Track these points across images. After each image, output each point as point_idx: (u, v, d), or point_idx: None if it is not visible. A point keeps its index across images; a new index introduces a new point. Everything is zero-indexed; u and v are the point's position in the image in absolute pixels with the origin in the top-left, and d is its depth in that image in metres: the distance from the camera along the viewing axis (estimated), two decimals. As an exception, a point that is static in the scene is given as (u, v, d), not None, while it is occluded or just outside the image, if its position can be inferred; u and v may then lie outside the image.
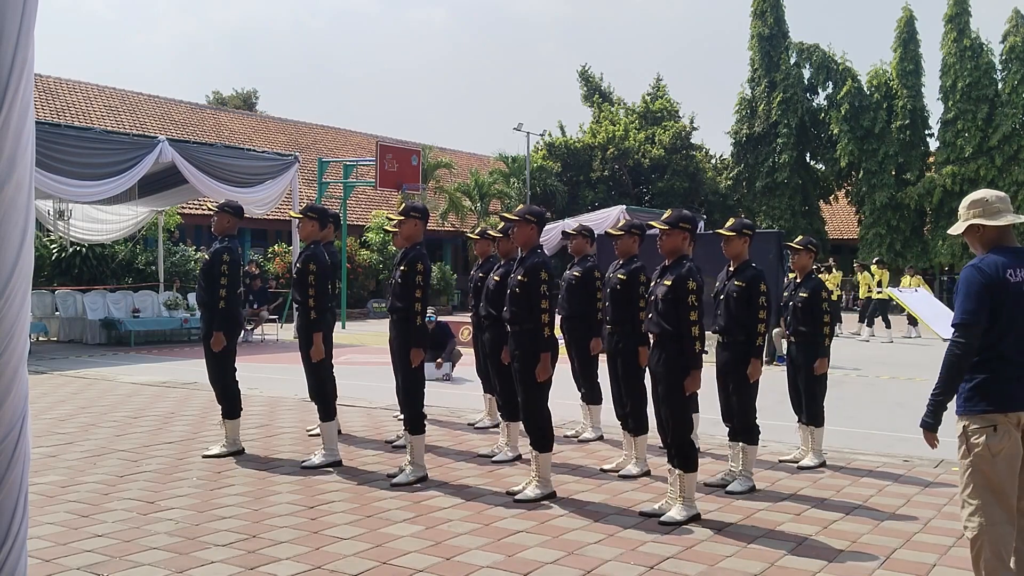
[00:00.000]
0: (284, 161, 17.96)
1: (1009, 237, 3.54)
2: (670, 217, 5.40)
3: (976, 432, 3.37)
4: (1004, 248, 3.51)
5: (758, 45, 34.04)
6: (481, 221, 32.73)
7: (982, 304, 3.36)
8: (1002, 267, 3.41)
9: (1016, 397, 3.38)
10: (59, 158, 13.40)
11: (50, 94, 26.58)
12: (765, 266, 17.94)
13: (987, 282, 3.38)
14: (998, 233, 3.52)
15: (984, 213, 3.53)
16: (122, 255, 19.53)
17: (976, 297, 3.37)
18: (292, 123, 35.73)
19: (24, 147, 1.50)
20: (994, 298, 3.37)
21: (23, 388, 1.56)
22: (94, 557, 4.38)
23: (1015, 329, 3.40)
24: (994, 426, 3.36)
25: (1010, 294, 3.38)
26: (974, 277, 3.41)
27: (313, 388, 6.59)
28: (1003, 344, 3.39)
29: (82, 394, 10.20)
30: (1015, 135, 29.11)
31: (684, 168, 35.30)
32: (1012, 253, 3.48)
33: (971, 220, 3.56)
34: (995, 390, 3.38)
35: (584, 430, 7.57)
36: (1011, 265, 3.43)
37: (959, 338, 3.37)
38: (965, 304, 3.39)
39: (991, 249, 3.52)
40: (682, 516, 5.03)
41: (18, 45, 1.46)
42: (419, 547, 4.57)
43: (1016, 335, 3.40)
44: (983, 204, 3.55)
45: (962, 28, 30.06)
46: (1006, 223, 3.52)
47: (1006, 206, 3.54)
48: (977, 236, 3.57)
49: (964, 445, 3.41)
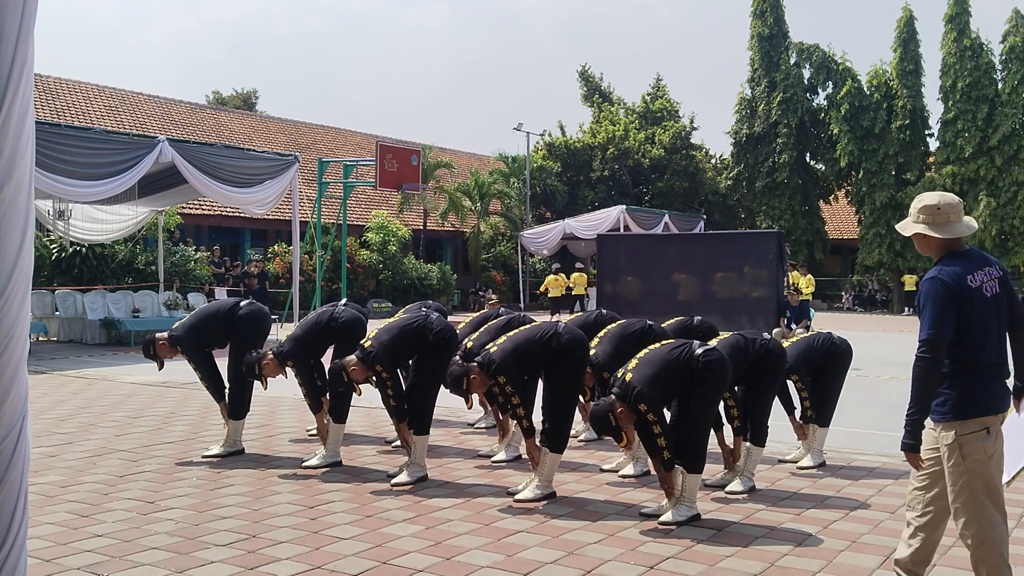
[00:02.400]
0: (284, 161, 17.95)
1: (959, 240, 3.52)
2: None
3: (972, 438, 3.37)
4: (956, 253, 3.50)
5: (758, 45, 34.05)
6: (481, 221, 32.76)
7: (949, 318, 3.36)
8: (961, 275, 3.41)
9: (1002, 398, 3.45)
10: (59, 158, 13.39)
11: (50, 94, 26.58)
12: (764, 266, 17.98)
13: (951, 294, 3.37)
14: (948, 239, 3.51)
15: (933, 222, 3.50)
16: (122, 255, 19.53)
17: (943, 311, 3.36)
18: (292, 123, 35.73)
19: (24, 147, 1.50)
20: (960, 307, 3.37)
21: (23, 388, 1.56)
22: (94, 557, 4.38)
23: (989, 334, 3.42)
24: (987, 428, 3.37)
25: (974, 300, 3.39)
26: (939, 290, 3.38)
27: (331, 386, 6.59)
28: (983, 351, 3.40)
29: (82, 394, 10.20)
30: (1015, 135, 29.11)
31: (684, 168, 35.31)
32: (965, 258, 3.49)
33: (918, 229, 3.55)
34: (985, 393, 3.40)
35: (586, 430, 7.56)
36: (968, 271, 3.43)
37: (926, 353, 3.36)
38: (933, 319, 3.37)
39: (945, 255, 3.51)
40: (682, 516, 5.03)
41: (18, 45, 1.46)
42: (419, 547, 4.56)
43: (992, 340, 3.43)
44: (932, 212, 3.50)
45: (962, 28, 30.06)
46: (953, 236, 3.49)
47: (956, 215, 3.50)
48: (925, 242, 3.56)
49: (957, 453, 3.38)
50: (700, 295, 17.86)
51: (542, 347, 5.51)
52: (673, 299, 17.53)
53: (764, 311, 16.46)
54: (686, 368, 5.01)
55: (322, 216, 22.55)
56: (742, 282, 17.46)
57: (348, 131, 37.80)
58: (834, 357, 6.49)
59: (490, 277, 32.23)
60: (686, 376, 5.02)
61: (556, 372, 5.54)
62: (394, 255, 27.95)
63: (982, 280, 3.44)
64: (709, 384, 5.03)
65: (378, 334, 5.90)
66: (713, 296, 17.70)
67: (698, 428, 5.08)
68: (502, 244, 32.99)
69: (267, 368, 6.33)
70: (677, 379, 5.02)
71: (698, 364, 5.00)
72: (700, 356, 5.02)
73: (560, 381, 5.54)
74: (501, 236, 33.28)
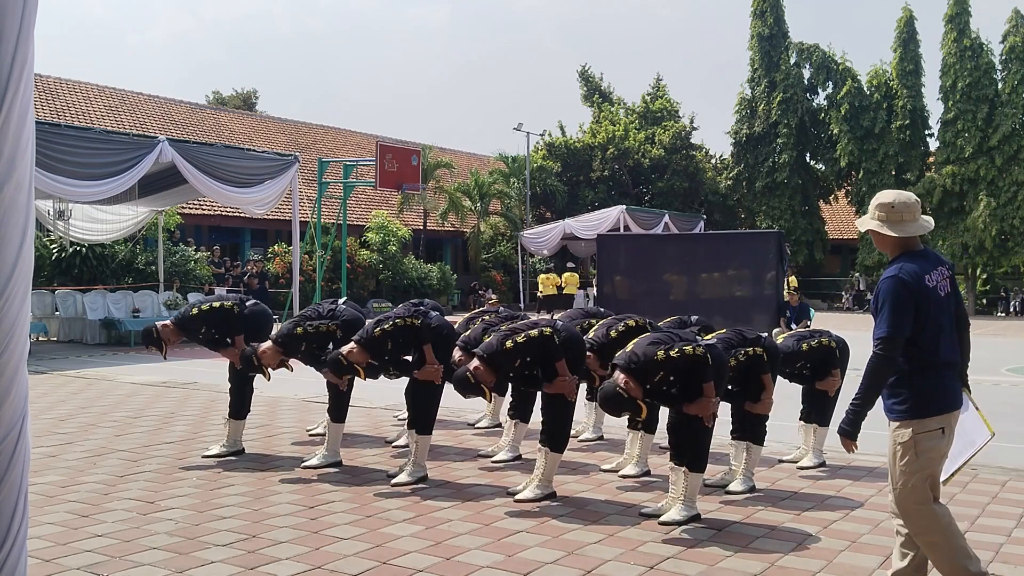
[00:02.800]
0: (284, 161, 17.96)
1: (914, 239, 3.54)
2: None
3: (928, 436, 3.40)
4: (914, 252, 3.52)
5: (758, 45, 34.05)
6: (481, 221, 32.76)
7: (907, 317, 3.37)
8: (920, 274, 3.42)
9: (956, 395, 3.50)
10: (59, 158, 13.40)
11: (50, 94, 26.57)
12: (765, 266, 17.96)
13: (909, 292, 3.38)
14: (902, 238, 3.53)
15: (887, 220, 3.52)
16: (122, 255, 19.53)
17: (902, 310, 3.38)
18: (292, 123, 35.73)
19: (24, 147, 1.50)
20: (918, 306, 3.38)
21: (23, 388, 1.56)
22: (94, 557, 4.38)
23: (944, 333, 3.44)
24: (943, 428, 3.41)
25: (931, 299, 3.40)
26: (900, 289, 3.39)
27: (331, 386, 6.58)
28: (939, 350, 3.42)
29: (82, 394, 10.20)
30: (1015, 135, 29.10)
31: (684, 168, 35.31)
32: (922, 257, 3.51)
33: (873, 225, 3.55)
34: (943, 392, 3.43)
35: (585, 430, 7.56)
36: (926, 270, 3.45)
37: (882, 350, 3.38)
38: (892, 317, 3.38)
39: (903, 253, 3.52)
40: (682, 516, 5.03)
41: (18, 45, 1.46)
42: (419, 547, 4.56)
43: (947, 338, 3.46)
44: (887, 210, 3.52)
45: (962, 28, 30.05)
46: (907, 235, 3.50)
47: (911, 214, 3.51)
48: (880, 239, 3.58)
49: (912, 451, 3.40)
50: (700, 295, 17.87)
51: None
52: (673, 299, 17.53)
53: (764, 311, 16.46)
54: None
55: (322, 216, 22.55)
56: (742, 282, 17.46)
57: (348, 131, 37.80)
58: (830, 356, 6.45)
59: (490, 277, 32.23)
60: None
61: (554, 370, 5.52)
62: (394, 255, 27.95)
63: (937, 280, 3.47)
64: (707, 379, 5.02)
65: (370, 324, 5.92)
66: (713, 296, 17.71)
67: (698, 427, 5.08)
68: (502, 244, 32.99)
69: (265, 356, 6.19)
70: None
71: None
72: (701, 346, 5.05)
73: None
74: (501, 236, 33.28)
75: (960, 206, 30.27)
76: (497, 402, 7.92)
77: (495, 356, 5.33)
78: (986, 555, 4.50)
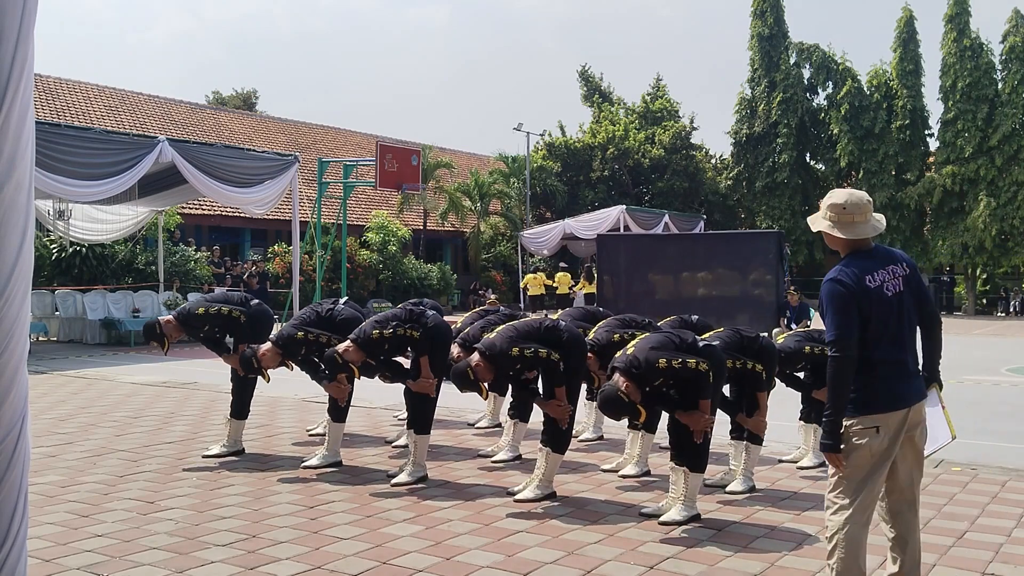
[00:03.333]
0: (284, 161, 17.96)
1: (865, 240, 3.52)
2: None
3: (859, 433, 3.38)
4: (860, 252, 3.50)
5: (758, 45, 34.05)
6: (481, 221, 32.77)
7: (850, 316, 3.36)
8: (860, 275, 3.41)
9: (899, 396, 3.41)
10: (59, 158, 13.40)
11: (50, 94, 26.57)
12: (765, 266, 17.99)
13: (850, 293, 3.37)
14: (851, 239, 3.51)
15: (838, 221, 3.50)
16: (122, 255, 19.53)
17: (844, 311, 3.37)
18: (292, 123, 35.73)
19: (24, 147, 1.50)
20: (860, 307, 3.37)
21: (23, 388, 1.56)
22: (94, 557, 4.38)
23: (887, 332, 3.41)
24: (877, 427, 3.37)
25: (872, 300, 3.38)
26: (837, 291, 3.40)
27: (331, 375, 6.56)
28: (879, 347, 3.39)
29: (82, 394, 10.20)
30: (1015, 135, 29.09)
31: (684, 168, 35.31)
32: (868, 256, 3.48)
33: (823, 227, 3.54)
34: (878, 392, 3.39)
35: (585, 430, 7.56)
36: (868, 270, 3.43)
37: (836, 353, 3.38)
38: (835, 319, 3.39)
39: (849, 254, 3.51)
40: (682, 516, 5.03)
41: (18, 45, 1.45)
42: (419, 547, 4.56)
43: (889, 337, 3.41)
44: (838, 211, 3.50)
45: (962, 28, 30.04)
46: (854, 237, 3.48)
47: (862, 215, 3.48)
48: (830, 239, 3.57)
49: (844, 445, 3.40)
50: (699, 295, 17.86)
51: (542, 335, 5.48)
52: (673, 298, 17.53)
53: (764, 311, 16.45)
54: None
55: (322, 216, 22.55)
56: (742, 282, 17.45)
57: (348, 131, 37.80)
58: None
59: (490, 277, 32.23)
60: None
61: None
62: (394, 255, 27.95)
63: (883, 279, 3.43)
64: (705, 396, 5.01)
65: (368, 324, 5.91)
66: (712, 295, 17.69)
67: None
68: (502, 244, 32.99)
69: (265, 359, 6.18)
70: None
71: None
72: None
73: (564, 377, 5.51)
74: (501, 236, 33.28)
75: (960, 206, 30.27)
76: (497, 402, 7.93)
77: (497, 356, 5.32)
78: (986, 555, 4.50)
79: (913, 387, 3.47)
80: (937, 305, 13.55)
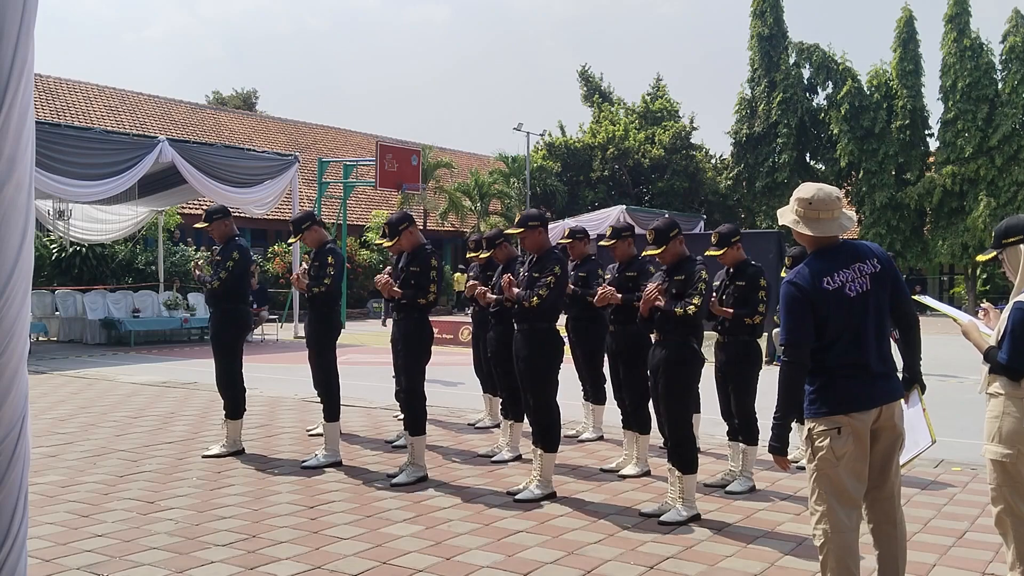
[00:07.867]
0: (284, 161, 17.97)
1: (832, 236, 3.40)
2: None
3: (821, 435, 3.31)
4: (823, 250, 3.39)
5: (758, 45, 34.04)
6: (481, 221, 32.75)
7: (804, 320, 3.29)
8: (817, 276, 3.31)
9: (858, 397, 3.30)
10: (59, 158, 13.41)
11: (50, 94, 26.58)
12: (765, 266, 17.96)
13: (804, 296, 3.29)
14: (817, 236, 3.40)
15: (804, 217, 3.39)
16: (122, 255, 19.54)
17: (798, 314, 3.30)
18: (292, 123, 35.74)
19: (24, 147, 1.50)
20: (816, 310, 3.29)
21: (23, 388, 1.56)
22: (94, 557, 4.38)
23: (847, 332, 3.31)
24: (838, 428, 3.28)
25: (830, 302, 3.29)
26: (792, 293, 3.32)
27: (321, 385, 6.60)
28: (835, 348, 3.31)
29: (82, 394, 10.20)
30: (1015, 135, 29.10)
31: (684, 168, 35.31)
32: (831, 256, 3.37)
33: (788, 221, 3.45)
34: (835, 393, 3.30)
35: (585, 430, 7.56)
36: (827, 272, 3.32)
37: (788, 357, 3.32)
38: (788, 322, 3.33)
39: (813, 251, 3.42)
40: (682, 516, 5.03)
41: (18, 45, 1.46)
42: (419, 547, 4.56)
43: (848, 337, 3.31)
44: (805, 206, 3.38)
45: (962, 28, 30.05)
46: (820, 234, 3.37)
47: (829, 212, 3.36)
48: (796, 235, 3.46)
49: (809, 449, 3.36)
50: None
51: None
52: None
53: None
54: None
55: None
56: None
57: (348, 131, 37.81)
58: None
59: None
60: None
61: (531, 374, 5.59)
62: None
63: (845, 280, 3.32)
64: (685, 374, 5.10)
65: None
66: (713, 296, 17.58)
67: (680, 423, 5.09)
68: (502, 244, 32.97)
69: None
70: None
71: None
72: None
73: (536, 376, 5.57)
74: (501, 236, 33.26)
75: (960, 206, 30.27)
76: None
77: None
78: (986, 555, 4.51)
79: (879, 388, 3.33)
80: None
